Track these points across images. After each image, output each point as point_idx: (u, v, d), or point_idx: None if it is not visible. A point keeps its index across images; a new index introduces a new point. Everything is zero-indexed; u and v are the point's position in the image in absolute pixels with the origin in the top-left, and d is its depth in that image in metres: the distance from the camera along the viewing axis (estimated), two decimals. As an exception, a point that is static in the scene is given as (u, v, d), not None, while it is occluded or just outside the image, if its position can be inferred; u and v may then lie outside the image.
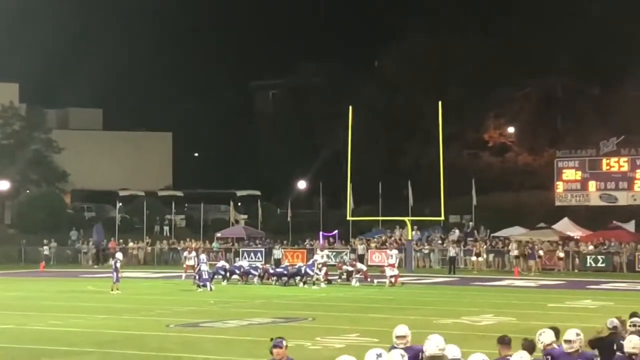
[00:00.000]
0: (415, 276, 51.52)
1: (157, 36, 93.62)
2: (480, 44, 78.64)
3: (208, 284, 41.83)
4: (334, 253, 58.25)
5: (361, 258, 57.24)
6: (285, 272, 45.74)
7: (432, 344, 11.87)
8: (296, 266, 46.68)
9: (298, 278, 44.64)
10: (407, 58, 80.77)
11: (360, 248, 59.58)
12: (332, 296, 39.66)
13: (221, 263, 48.62)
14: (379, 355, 10.90)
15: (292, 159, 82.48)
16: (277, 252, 58.75)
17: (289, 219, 69.91)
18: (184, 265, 48.10)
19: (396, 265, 46.49)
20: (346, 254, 56.03)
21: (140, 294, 40.57)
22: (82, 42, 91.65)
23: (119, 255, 44.52)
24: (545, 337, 12.98)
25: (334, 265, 49.51)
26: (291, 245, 62.85)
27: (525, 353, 12.07)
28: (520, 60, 76.08)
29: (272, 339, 11.49)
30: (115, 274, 41.15)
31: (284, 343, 11.47)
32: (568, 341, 12.76)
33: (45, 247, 65.11)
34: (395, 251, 48.68)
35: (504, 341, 12.91)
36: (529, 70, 76.10)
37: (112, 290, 40.70)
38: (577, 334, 12.89)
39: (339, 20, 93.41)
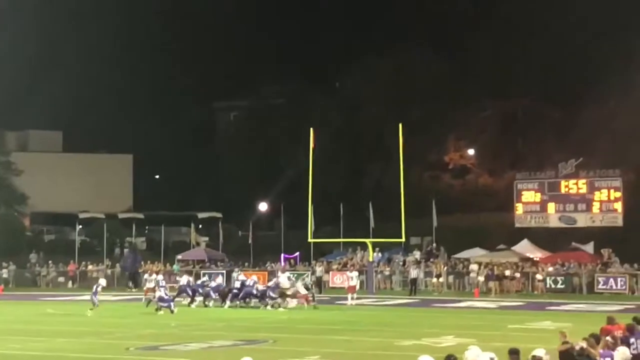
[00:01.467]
0: (377, 298, 51.58)
1: (118, 57, 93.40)
2: (440, 65, 79.22)
3: (171, 304, 41.58)
4: (295, 275, 58.13)
5: (319, 280, 57.17)
6: (253, 291, 45.07)
7: None
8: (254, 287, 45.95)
9: (256, 300, 44.41)
10: (367, 79, 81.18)
11: (319, 270, 59.38)
12: (294, 318, 39.60)
13: (185, 278, 47.77)
14: None
15: (254, 180, 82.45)
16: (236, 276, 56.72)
17: (250, 241, 69.83)
18: (145, 288, 47.83)
19: (357, 287, 46.47)
20: (307, 276, 55.90)
21: (101, 317, 40.30)
22: (41, 64, 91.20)
23: (102, 281, 45.34)
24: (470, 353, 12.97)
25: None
26: (252, 268, 62.73)
27: None
28: (480, 81, 76.66)
29: None
30: (94, 297, 41.53)
31: None
32: (538, 358, 12.83)
33: (3, 270, 64.63)
34: (355, 273, 48.72)
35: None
36: (489, 92, 76.74)
37: (90, 310, 41.04)
38: (546, 353, 12.97)
39: (299, 42, 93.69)
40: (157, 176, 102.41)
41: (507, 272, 55.85)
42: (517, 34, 75.20)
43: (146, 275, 50.35)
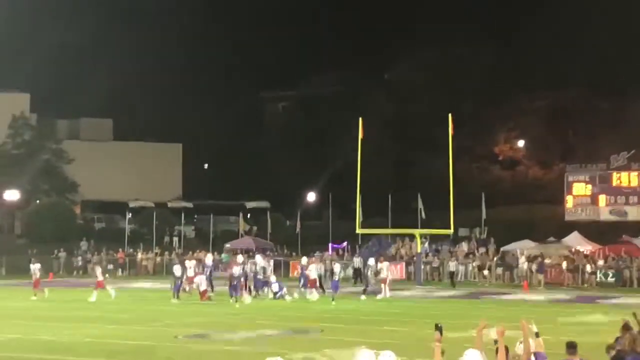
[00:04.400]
0: (424, 289, 51.40)
1: (168, 47, 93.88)
2: (492, 55, 78.69)
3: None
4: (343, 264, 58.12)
5: (357, 272, 56.87)
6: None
7: (470, 359, 11.81)
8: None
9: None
10: (418, 70, 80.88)
11: (357, 261, 58.81)
12: (342, 308, 39.59)
13: (237, 269, 46.90)
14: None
15: (302, 170, 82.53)
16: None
17: (297, 230, 69.88)
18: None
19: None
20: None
21: (149, 305, 40.54)
22: (93, 53, 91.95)
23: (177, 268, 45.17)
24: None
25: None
26: (300, 257, 62.74)
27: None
28: (531, 73, 76.11)
29: None
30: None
31: None
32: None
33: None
34: (313, 266, 46.72)
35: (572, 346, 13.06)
36: (541, 83, 76.12)
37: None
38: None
39: (350, 32, 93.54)
40: (206, 165, 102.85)
41: (557, 265, 55.39)
42: (570, 25, 74.55)
43: (187, 262, 49.96)
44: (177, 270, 43.98)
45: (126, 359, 23.85)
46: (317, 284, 44.96)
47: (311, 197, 79.98)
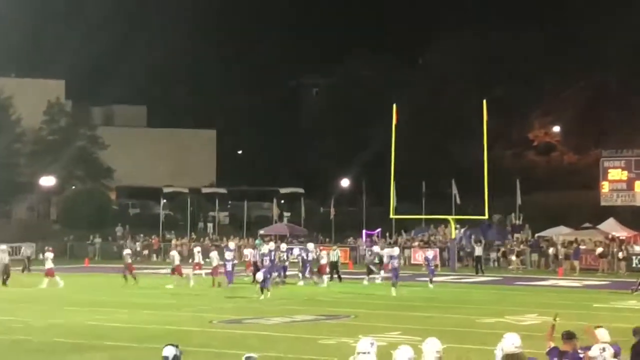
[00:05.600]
0: (458, 275, 51.35)
1: (202, 33, 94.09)
2: (527, 40, 78.24)
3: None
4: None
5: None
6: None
7: (509, 342, 11.79)
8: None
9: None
10: (452, 54, 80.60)
11: (378, 246, 58.80)
12: (374, 294, 39.64)
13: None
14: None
15: (336, 156, 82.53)
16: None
17: (331, 216, 69.98)
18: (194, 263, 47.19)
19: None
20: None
21: (183, 290, 40.76)
22: (127, 39, 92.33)
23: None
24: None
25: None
26: (334, 243, 62.85)
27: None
28: (567, 58, 75.64)
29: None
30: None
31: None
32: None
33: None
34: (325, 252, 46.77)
35: (569, 336, 12.93)
36: (576, 67, 75.60)
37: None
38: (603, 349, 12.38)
39: (384, 17, 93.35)
40: (240, 151, 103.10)
41: (592, 251, 55.14)
42: (606, 7, 73.93)
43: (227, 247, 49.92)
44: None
45: (159, 344, 23.99)
46: (328, 270, 44.94)
47: (345, 183, 79.99)
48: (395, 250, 43.63)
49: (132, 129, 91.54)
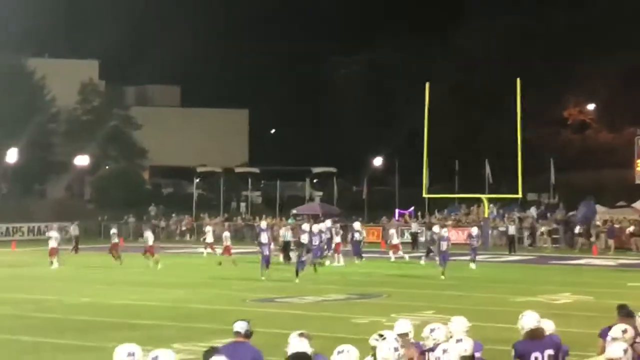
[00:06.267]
0: (492, 254, 51.27)
1: (234, 12, 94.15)
2: (560, 17, 77.65)
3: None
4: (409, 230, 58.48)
5: (414, 237, 56.90)
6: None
7: (531, 318, 11.78)
8: None
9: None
10: (485, 33, 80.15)
11: (414, 226, 59.00)
12: (406, 273, 39.67)
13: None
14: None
15: (369, 135, 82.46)
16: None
17: (364, 196, 69.96)
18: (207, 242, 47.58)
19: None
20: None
21: (217, 269, 40.97)
22: (160, 19, 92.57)
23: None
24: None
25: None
26: (366, 223, 62.90)
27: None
28: (602, 34, 74.96)
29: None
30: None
31: None
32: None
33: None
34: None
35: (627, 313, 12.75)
36: (611, 44, 74.95)
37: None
38: (624, 331, 11.86)
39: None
40: (272, 131, 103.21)
41: (627, 230, 54.86)
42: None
43: (208, 228, 50.08)
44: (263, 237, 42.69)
45: (195, 322, 24.21)
46: (341, 249, 44.79)
47: (378, 162, 79.95)
48: (444, 232, 41.29)
49: (165, 109, 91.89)
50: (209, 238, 46.57)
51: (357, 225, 46.97)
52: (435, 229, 44.22)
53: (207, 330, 22.81)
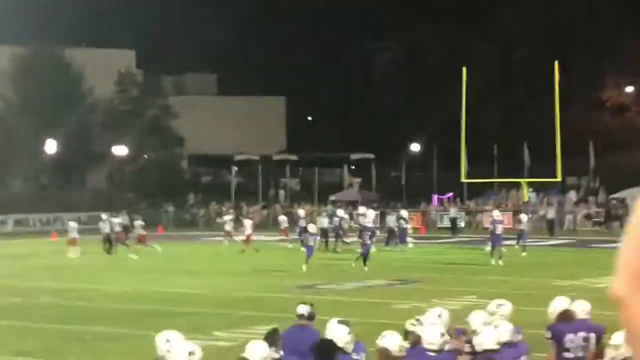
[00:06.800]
0: (531, 238, 50.92)
1: (270, 1, 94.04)
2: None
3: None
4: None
5: (454, 222, 56.75)
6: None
7: (561, 301, 11.95)
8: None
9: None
10: (522, 15, 79.61)
11: (453, 211, 58.86)
12: (446, 258, 39.54)
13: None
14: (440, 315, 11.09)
15: (407, 121, 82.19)
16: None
17: (402, 181, 69.80)
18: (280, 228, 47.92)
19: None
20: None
21: (257, 257, 41.04)
22: (196, 7, 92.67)
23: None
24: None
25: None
26: (406, 208, 62.72)
27: None
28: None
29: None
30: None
31: None
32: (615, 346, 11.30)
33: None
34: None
35: None
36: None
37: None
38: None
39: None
40: (310, 117, 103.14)
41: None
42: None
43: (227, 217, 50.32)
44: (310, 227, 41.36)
45: (235, 309, 24.26)
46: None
47: (415, 147, 79.72)
48: (496, 214, 39.42)
49: (203, 97, 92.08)
50: (228, 226, 46.92)
51: (404, 212, 46.59)
52: (404, 213, 44.21)
53: (248, 317, 22.85)
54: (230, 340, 18.67)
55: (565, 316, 11.72)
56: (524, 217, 42.98)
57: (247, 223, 44.63)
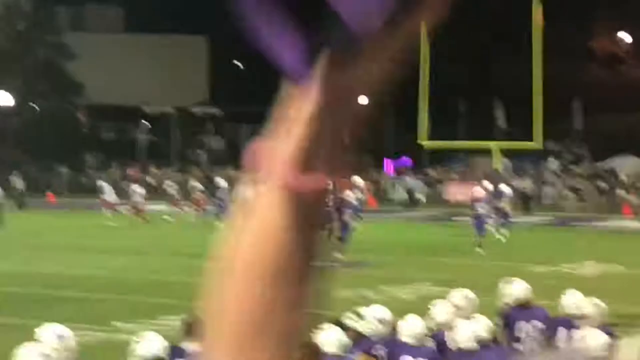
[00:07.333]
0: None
1: None
2: None
3: None
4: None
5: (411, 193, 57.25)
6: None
7: (521, 285, 12.42)
8: None
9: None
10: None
11: (409, 180, 59.30)
12: (397, 238, 39.78)
13: None
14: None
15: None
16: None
17: (346, 142, 69.96)
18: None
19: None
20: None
21: (169, 232, 41.02)
22: None
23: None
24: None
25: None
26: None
27: None
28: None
29: None
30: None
31: None
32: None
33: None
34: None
35: None
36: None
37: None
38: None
39: None
40: (237, 62, 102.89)
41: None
42: None
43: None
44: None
45: (139, 295, 24.24)
46: None
47: (364, 101, 79.94)
48: (478, 190, 38.50)
49: (106, 36, 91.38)
50: (109, 196, 47.23)
51: (357, 180, 45.51)
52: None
53: (155, 305, 22.87)
54: (132, 332, 18.67)
55: (523, 303, 12.18)
56: (506, 189, 42.50)
57: (137, 189, 44.95)
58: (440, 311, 11.40)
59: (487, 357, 10.48)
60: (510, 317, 12.14)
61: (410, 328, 10.66)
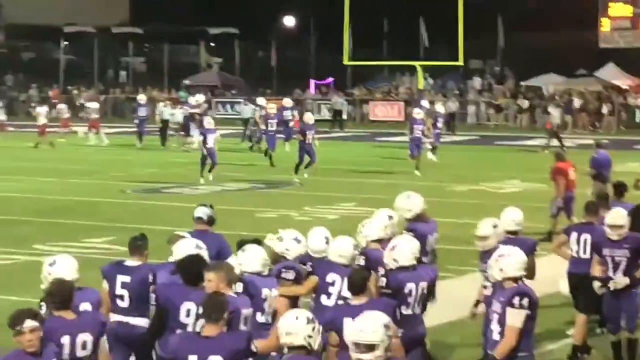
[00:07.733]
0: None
1: None
2: None
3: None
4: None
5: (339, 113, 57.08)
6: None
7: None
8: None
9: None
10: None
11: (336, 99, 59.27)
12: (323, 157, 39.73)
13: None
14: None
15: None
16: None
17: (273, 62, 69.71)
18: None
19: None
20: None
21: (91, 153, 40.68)
22: None
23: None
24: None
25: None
26: (276, 95, 62.67)
27: None
28: None
29: None
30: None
31: None
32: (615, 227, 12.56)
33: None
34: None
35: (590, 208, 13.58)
36: None
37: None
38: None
39: None
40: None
41: (589, 103, 55.61)
42: None
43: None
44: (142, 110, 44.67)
45: (61, 218, 24.01)
46: None
47: (289, 21, 79.51)
48: (417, 112, 36.70)
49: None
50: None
51: (261, 100, 45.36)
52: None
53: (77, 227, 22.69)
54: (54, 255, 18.47)
55: (423, 218, 12.81)
56: (440, 108, 41.96)
57: (42, 111, 44.60)
58: (371, 230, 11.43)
59: (422, 272, 10.58)
60: (416, 231, 12.07)
61: (340, 248, 10.68)
